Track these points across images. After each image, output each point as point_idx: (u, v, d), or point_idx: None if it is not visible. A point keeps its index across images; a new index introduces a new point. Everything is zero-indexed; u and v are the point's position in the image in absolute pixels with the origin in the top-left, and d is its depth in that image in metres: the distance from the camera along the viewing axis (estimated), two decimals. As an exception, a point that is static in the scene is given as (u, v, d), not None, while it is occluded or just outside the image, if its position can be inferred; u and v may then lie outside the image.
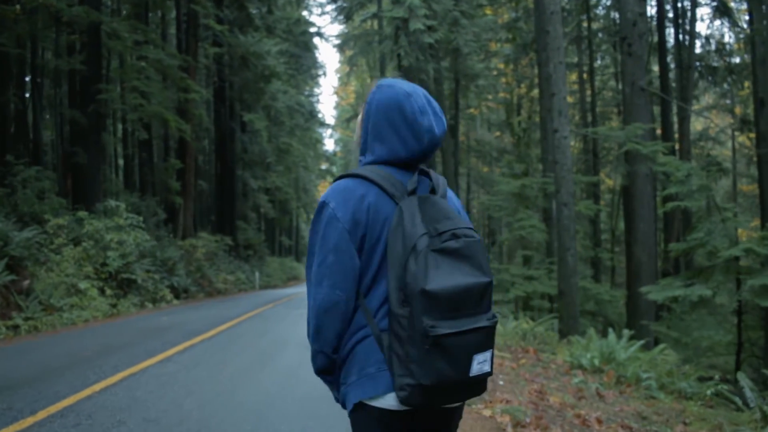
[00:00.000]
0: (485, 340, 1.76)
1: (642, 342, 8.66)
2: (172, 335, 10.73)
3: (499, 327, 14.42)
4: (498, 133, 37.79)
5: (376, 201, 1.86)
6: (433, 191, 1.92)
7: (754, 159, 35.88)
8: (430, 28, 17.60)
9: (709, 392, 6.80)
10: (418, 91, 1.94)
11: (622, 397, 7.16)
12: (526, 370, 8.06)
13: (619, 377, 8.04)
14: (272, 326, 12.54)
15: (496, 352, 9.31)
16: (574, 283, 13.39)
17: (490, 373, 1.80)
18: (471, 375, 1.73)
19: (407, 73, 18.66)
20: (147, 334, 10.92)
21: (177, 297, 20.67)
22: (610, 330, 9.09)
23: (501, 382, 6.94)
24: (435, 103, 1.97)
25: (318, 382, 6.28)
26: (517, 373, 7.80)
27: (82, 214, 17.05)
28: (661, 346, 8.77)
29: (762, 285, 8.54)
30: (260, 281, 34.84)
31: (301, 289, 34.18)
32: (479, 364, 1.75)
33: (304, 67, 46.48)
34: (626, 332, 8.94)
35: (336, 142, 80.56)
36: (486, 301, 1.79)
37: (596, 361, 8.59)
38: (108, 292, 15.79)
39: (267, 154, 40.43)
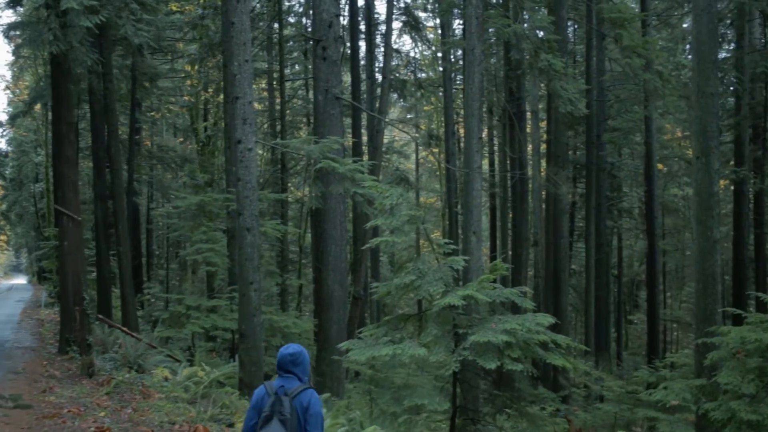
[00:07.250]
0: None
1: (345, 427, 6.62)
2: None
3: (168, 378, 11.89)
4: (182, 139, 34.93)
5: None
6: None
7: (437, 173, 37.42)
8: (92, 11, 14.09)
9: None
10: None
11: None
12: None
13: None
14: None
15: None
16: (257, 324, 11.15)
17: None
18: None
19: (62, 64, 14.88)
20: None
21: None
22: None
23: None
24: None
25: None
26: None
27: None
28: (372, 427, 6.82)
29: (487, 342, 7.00)
30: None
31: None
32: None
33: (-42, 53, 39.50)
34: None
35: (8, 142, 69.78)
36: None
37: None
38: None
39: None
